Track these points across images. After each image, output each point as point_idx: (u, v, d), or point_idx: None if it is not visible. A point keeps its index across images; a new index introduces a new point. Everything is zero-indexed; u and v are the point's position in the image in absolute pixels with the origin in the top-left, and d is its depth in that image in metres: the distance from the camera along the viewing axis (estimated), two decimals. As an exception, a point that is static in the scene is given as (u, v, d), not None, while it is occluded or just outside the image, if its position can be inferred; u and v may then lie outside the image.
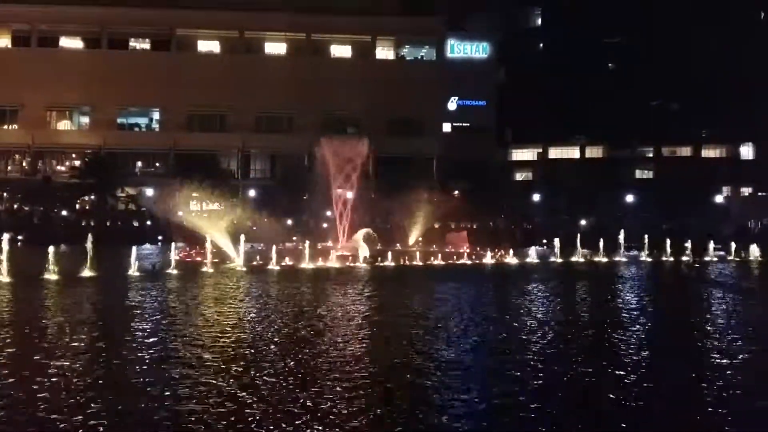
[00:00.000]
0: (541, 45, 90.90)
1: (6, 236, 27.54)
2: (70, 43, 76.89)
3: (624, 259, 40.54)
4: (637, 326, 18.44)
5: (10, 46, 75.76)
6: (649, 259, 41.22)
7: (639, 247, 43.89)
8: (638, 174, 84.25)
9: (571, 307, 22.12)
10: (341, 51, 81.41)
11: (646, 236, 43.20)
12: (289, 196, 60.76)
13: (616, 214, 66.34)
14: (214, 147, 74.18)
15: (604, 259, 40.07)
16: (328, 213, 47.53)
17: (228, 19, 75.44)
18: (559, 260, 39.11)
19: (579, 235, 43.77)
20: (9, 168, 74.89)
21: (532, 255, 40.33)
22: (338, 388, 11.20)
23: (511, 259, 38.82)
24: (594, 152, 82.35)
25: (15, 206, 66.18)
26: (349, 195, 45.64)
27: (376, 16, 76.06)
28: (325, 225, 47.40)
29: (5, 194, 70.12)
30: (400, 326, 17.60)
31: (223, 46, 79.49)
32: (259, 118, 77.53)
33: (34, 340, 15.26)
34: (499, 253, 39.78)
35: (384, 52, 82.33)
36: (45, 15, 72.63)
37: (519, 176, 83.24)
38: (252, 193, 71.29)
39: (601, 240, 41.80)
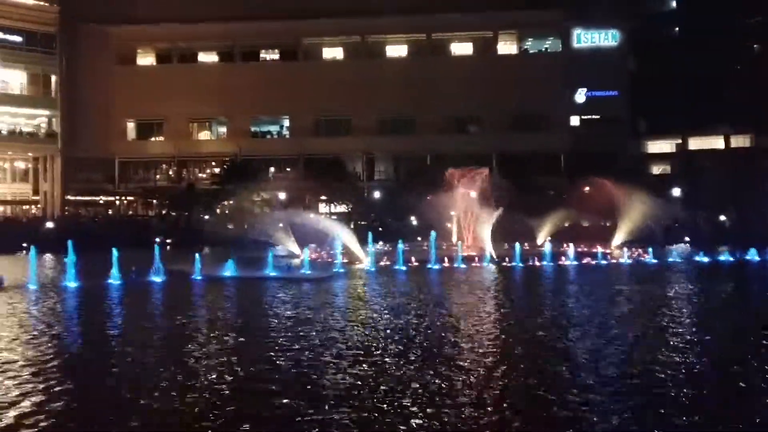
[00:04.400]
0: (677, 29, 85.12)
1: (157, 240, 29.90)
2: (207, 57, 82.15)
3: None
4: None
5: (154, 63, 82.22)
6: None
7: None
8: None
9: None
10: (462, 48, 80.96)
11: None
12: (413, 196, 61.13)
13: (766, 209, 60.77)
14: (340, 151, 76.28)
15: (756, 258, 36.71)
16: (452, 212, 47.20)
17: (350, 25, 77.38)
18: (705, 259, 36.35)
19: (725, 231, 40.52)
20: (158, 177, 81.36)
21: (674, 253, 37.77)
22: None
23: (651, 258, 36.59)
24: (740, 141, 75.78)
25: (164, 212, 71.86)
26: (473, 194, 45.14)
27: (498, 10, 74.72)
28: (448, 225, 47.11)
29: (155, 201, 76.37)
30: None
31: (346, 52, 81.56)
32: (382, 120, 78.80)
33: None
34: (637, 252, 37.70)
35: (506, 47, 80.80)
36: (184, 33, 78.03)
37: (656, 169, 78.40)
38: (377, 194, 72.62)
39: (750, 237, 38.37)
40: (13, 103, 72.03)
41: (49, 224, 56.97)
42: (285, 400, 10.74)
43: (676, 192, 65.59)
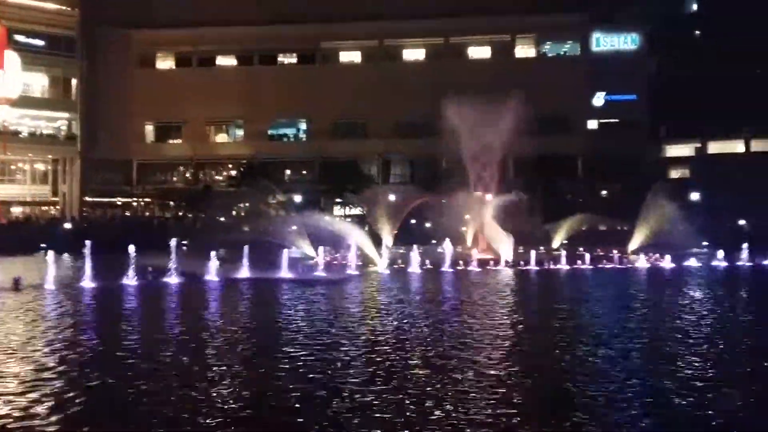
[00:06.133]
0: (698, 32, 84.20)
1: (173, 241, 30.07)
2: (226, 61, 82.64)
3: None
4: None
5: (174, 67, 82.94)
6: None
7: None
8: (815, 168, 75.15)
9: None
10: (480, 52, 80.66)
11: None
12: (428, 199, 60.94)
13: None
14: (357, 154, 76.36)
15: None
16: (467, 216, 46.99)
17: (368, 29, 77.33)
18: (724, 264, 35.86)
19: (744, 236, 39.99)
20: (175, 178, 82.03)
21: (692, 259, 37.27)
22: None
23: (668, 263, 36.15)
24: (761, 145, 74.68)
25: (180, 214, 72.38)
26: (489, 197, 44.95)
27: (516, 14, 74.40)
28: (463, 228, 46.92)
29: (172, 203, 77.01)
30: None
31: (363, 56, 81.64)
32: (399, 123, 78.59)
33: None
34: (654, 257, 37.28)
35: (524, 51, 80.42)
36: (203, 36, 78.56)
37: (674, 174, 77.50)
38: (392, 197, 72.44)
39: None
40: (34, 105, 72.97)
41: (67, 225, 57.60)
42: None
43: (695, 196, 64.83)
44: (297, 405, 10.53)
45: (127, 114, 78.25)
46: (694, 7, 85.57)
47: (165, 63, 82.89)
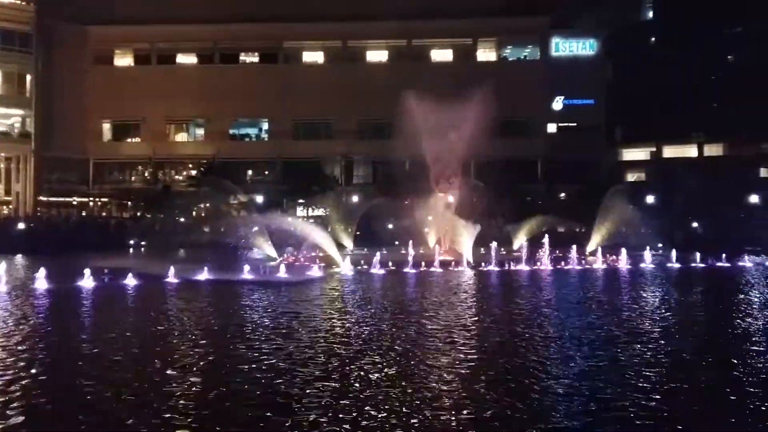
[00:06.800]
0: (653, 39, 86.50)
1: (131, 242, 29.58)
2: (186, 59, 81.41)
3: (749, 264, 37.71)
4: None
5: (132, 64, 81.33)
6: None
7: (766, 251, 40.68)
8: (764, 173, 78.00)
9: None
10: (442, 55, 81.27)
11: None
12: (391, 200, 61.14)
13: (738, 217, 61.91)
14: (319, 154, 76.10)
15: (727, 264, 37.43)
16: (429, 217, 47.35)
17: (332, 30, 77.19)
18: (677, 265, 36.92)
19: (698, 239, 41.29)
20: (133, 178, 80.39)
21: (647, 260, 38.26)
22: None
23: (624, 265, 37.04)
24: (713, 150, 77.06)
25: (138, 214, 71.04)
26: (451, 199, 45.39)
27: (478, 17, 75.23)
28: (426, 229, 47.25)
29: (130, 203, 75.48)
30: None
31: (326, 57, 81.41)
32: (362, 124, 78.65)
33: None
34: (611, 258, 38.17)
35: (486, 54, 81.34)
36: (163, 34, 77.25)
37: (630, 177, 79.40)
38: (355, 198, 72.48)
39: (722, 243, 39.23)
40: (-13, 102, 70.77)
41: (21, 225, 56.00)
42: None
43: (651, 199, 66.54)
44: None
45: (84, 111, 76.49)
46: (650, 14, 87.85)
47: (123, 60, 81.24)
